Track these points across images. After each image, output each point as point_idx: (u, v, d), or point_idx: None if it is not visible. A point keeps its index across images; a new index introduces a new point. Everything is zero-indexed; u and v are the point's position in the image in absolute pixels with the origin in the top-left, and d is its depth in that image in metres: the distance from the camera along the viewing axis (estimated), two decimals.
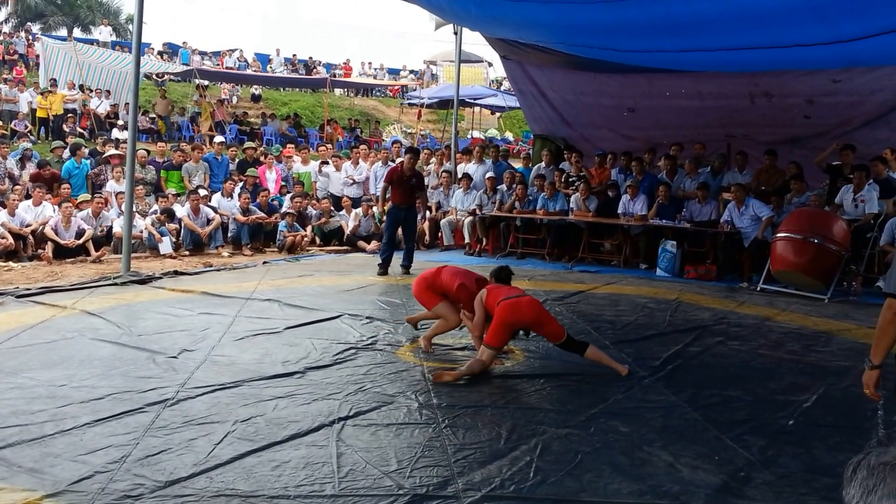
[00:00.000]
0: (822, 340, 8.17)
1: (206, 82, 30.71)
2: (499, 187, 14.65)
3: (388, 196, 11.82)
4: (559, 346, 6.54)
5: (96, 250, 12.12)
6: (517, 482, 4.26)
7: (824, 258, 10.32)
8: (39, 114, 24.00)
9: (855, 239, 10.74)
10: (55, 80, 25.94)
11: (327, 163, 16.73)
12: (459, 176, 15.50)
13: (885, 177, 11.56)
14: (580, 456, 4.68)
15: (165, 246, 12.67)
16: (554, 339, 6.51)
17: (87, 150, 16.86)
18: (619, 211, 13.32)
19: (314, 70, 38.76)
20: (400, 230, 11.94)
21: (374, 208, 14.58)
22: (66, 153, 15.70)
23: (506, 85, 31.39)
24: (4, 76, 26.74)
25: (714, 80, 13.36)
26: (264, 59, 39.02)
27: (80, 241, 12.06)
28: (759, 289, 11.05)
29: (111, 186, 14.33)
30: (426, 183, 16.21)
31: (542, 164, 15.44)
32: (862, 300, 10.37)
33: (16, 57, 31.98)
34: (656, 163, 14.44)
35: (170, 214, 13.18)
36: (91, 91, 26.45)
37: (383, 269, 11.46)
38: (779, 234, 10.64)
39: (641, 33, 10.39)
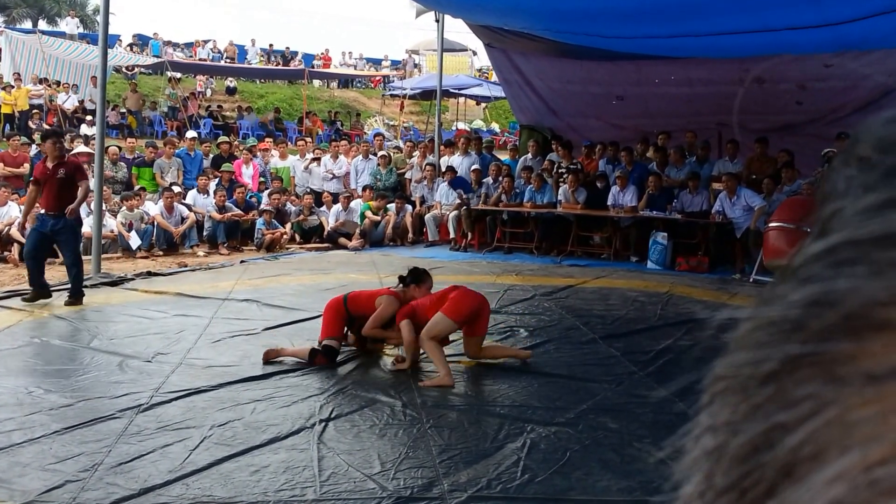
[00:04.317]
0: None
1: (179, 75, 30.61)
2: (484, 180, 14.66)
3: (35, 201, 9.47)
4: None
5: None
6: (504, 482, 4.29)
7: None
8: (4, 109, 23.83)
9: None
10: (19, 74, 25.79)
11: (318, 160, 16.68)
12: (444, 169, 15.52)
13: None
14: (569, 453, 4.71)
15: (135, 240, 12.59)
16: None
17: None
18: (609, 202, 13.34)
19: (292, 61, 38.66)
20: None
21: (354, 202, 14.61)
22: (34, 150, 15.65)
23: (491, 75, 31.39)
24: None
25: (704, 66, 13.41)
26: (242, 49, 38.90)
27: None
28: (751, 280, 11.11)
29: None
30: (410, 176, 16.27)
31: (529, 155, 15.46)
32: None
33: None
34: (647, 153, 14.49)
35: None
36: (58, 85, 26.32)
37: (36, 295, 8.85)
38: (771, 224, 10.70)
39: (628, 19, 10.44)
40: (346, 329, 6.85)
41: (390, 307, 6.59)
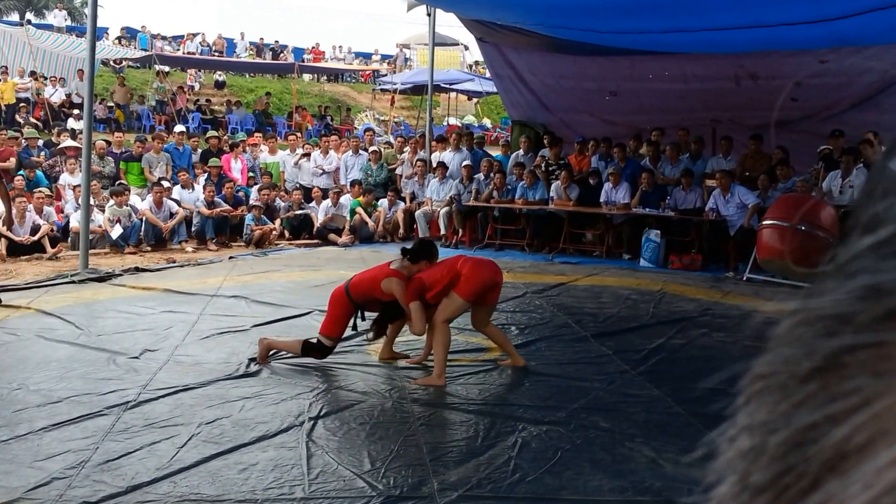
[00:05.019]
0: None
1: (167, 68, 30.53)
2: (476, 176, 14.66)
3: None
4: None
5: (52, 246, 12.04)
6: (495, 481, 4.30)
7: (812, 246, 10.40)
8: None
9: (844, 225, 10.83)
10: (6, 67, 25.70)
11: (308, 155, 16.65)
12: (434, 165, 15.52)
13: (873, 161, 11.66)
14: (560, 453, 4.72)
15: (116, 231, 12.55)
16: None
17: (40, 141, 16.79)
18: (602, 199, 13.35)
19: (281, 55, 38.60)
20: None
21: (344, 198, 14.59)
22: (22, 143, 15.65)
23: (483, 69, 31.38)
24: None
25: (698, 61, 13.43)
26: (231, 43, 38.80)
27: (36, 238, 11.98)
28: (745, 278, 11.14)
29: (65, 179, 14.24)
30: (400, 172, 16.28)
31: (521, 151, 15.47)
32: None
33: None
34: (640, 149, 14.51)
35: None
36: (45, 79, 26.24)
37: None
38: (765, 222, 10.72)
39: (622, 14, 10.44)
40: (354, 322, 6.56)
41: (402, 289, 6.22)
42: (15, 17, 43.60)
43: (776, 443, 0.32)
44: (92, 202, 11.48)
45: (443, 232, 14.35)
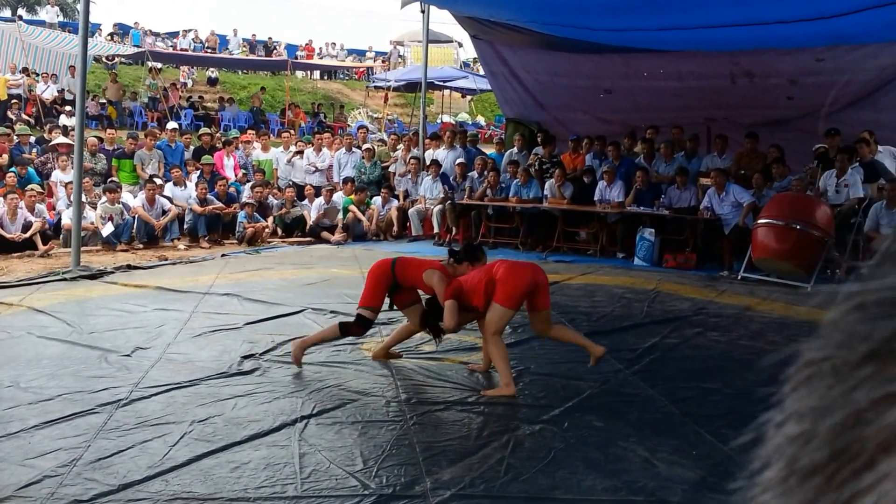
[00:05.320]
0: (805, 330, 8.26)
1: (160, 65, 30.50)
2: (469, 174, 14.67)
3: None
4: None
5: (44, 244, 12.03)
6: (488, 480, 4.31)
7: (807, 245, 10.43)
8: None
9: (838, 224, 10.86)
10: None
11: (301, 153, 16.64)
12: (428, 163, 15.52)
13: (869, 160, 11.69)
14: (553, 452, 4.73)
15: (107, 228, 12.54)
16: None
17: (32, 138, 16.77)
18: (596, 198, 13.36)
19: (274, 51, 38.58)
20: None
21: (336, 196, 14.58)
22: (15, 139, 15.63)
23: (477, 67, 31.37)
24: None
25: (694, 59, 13.44)
26: (224, 39, 38.76)
27: (27, 235, 11.96)
28: (739, 277, 11.15)
29: (57, 176, 14.22)
30: (394, 170, 16.28)
31: (515, 149, 15.47)
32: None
33: None
34: (635, 148, 14.53)
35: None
36: (37, 75, 26.20)
37: None
38: (760, 221, 10.74)
39: (617, 11, 10.45)
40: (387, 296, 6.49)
41: (442, 285, 6.13)
42: (7, 12, 43.51)
43: (829, 426, 0.32)
44: (84, 199, 11.46)
45: (436, 230, 14.36)
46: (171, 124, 18.28)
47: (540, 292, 6.07)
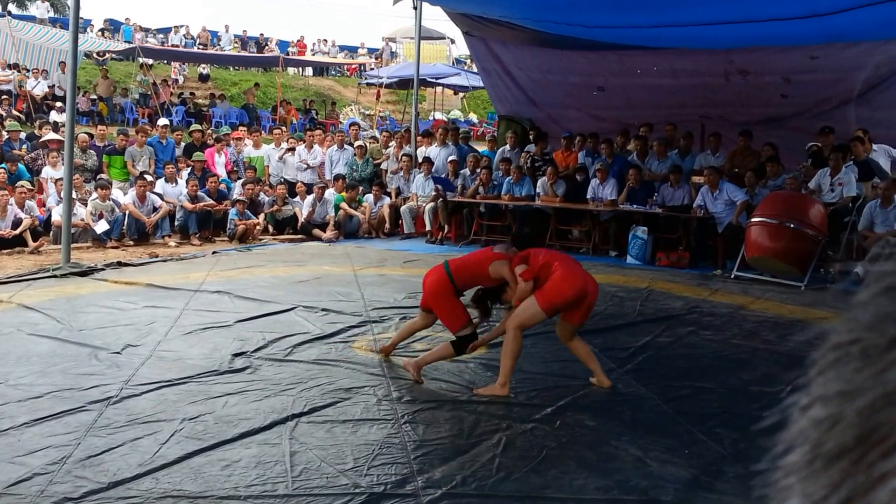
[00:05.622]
0: (798, 329, 8.30)
1: (151, 61, 30.42)
2: (461, 171, 14.67)
3: None
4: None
5: (34, 240, 12.00)
6: (479, 479, 4.31)
7: (801, 243, 10.46)
8: None
9: (832, 223, 10.89)
10: None
11: (293, 150, 16.61)
12: (420, 160, 15.52)
13: (864, 158, 11.72)
14: (545, 451, 4.74)
15: (101, 225, 12.52)
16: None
17: (22, 134, 16.73)
18: (589, 196, 13.37)
19: (266, 48, 38.52)
20: None
21: (328, 193, 14.57)
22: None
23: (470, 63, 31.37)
24: None
25: (688, 57, 13.47)
26: (216, 35, 38.70)
27: (17, 232, 11.93)
28: (733, 276, 11.17)
29: (47, 172, 14.19)
30: (386, 167, 16.28)
31: (508, 146, 15.48)
32: (840, 287, 10.52)
33: None
34: (628, 145, 14.54)
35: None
36: (27, 71, 26.12)
37: None
38: (753, 219, 10.76)
39: (610, 8, 10.47)
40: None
41: (511, 273, 5.90)
42: None
43: (857, 408, 0.33)
44: (74, 196, 11.44)
45: (428, 227, 14.35)
46: (163, 121, 18.24)
47: (581, 308, 5.87)
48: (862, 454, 0.32)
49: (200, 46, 36.27)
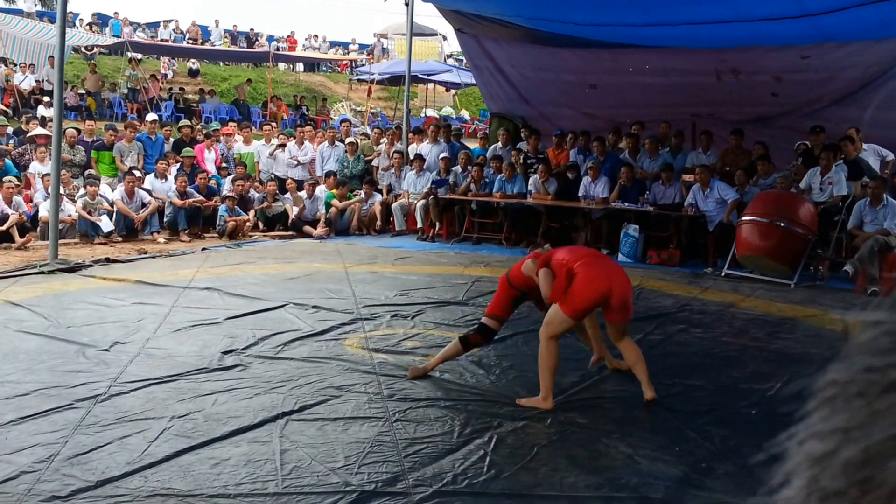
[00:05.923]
0: (788, 327, 8.33)
1: (139, 56, 30.35)
2: (453, 168, 14.66)
3: None
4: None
5: (21, 236, 11.96)
6: (470, 477, 4.32)
7: (790, 242, 10.49)
8: None
9: (822, 222, 10.93)
10: None
11: (283, 146, 16.58)
12: (412, 157, 15.51)
13: (854, 157, 11.76)
14: (536, 449, 4.75)
15: (106, 224, 12.53)
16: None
17: (9, 129, 16.67)
18: (580, 194, 13.36)
19: (256, 43, 38.46)
20: None
21: (318, 189, 14.55)
22: None
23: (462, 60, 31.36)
24: None
25: (679, 55, 13.48)
26: (205, 30, 38.61)
27: (4, 227, 11.89)
28: (723, 274, 11.19)
29: (34, 167, 14.14)
30: (377, 164, 16.27)
31: (499, 144, 15.48)
32: (829, 285, 10.57)
33: None
34: (619, 143, 14.55)
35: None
36: (14, 65, 26.03)
37: None
38: (744, 218, 10.79)
39: (603, 6, 10.49)
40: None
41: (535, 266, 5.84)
42: None
43: (855, 451, 0.32)
44: (62, 191, 11.41)
45: (419, 225, 14.33)
46: (151, 116, 18.20)
47: (613, 303, 5.73)
48: (856, 499, 0.32)
49: (190, 41, 36.19)
